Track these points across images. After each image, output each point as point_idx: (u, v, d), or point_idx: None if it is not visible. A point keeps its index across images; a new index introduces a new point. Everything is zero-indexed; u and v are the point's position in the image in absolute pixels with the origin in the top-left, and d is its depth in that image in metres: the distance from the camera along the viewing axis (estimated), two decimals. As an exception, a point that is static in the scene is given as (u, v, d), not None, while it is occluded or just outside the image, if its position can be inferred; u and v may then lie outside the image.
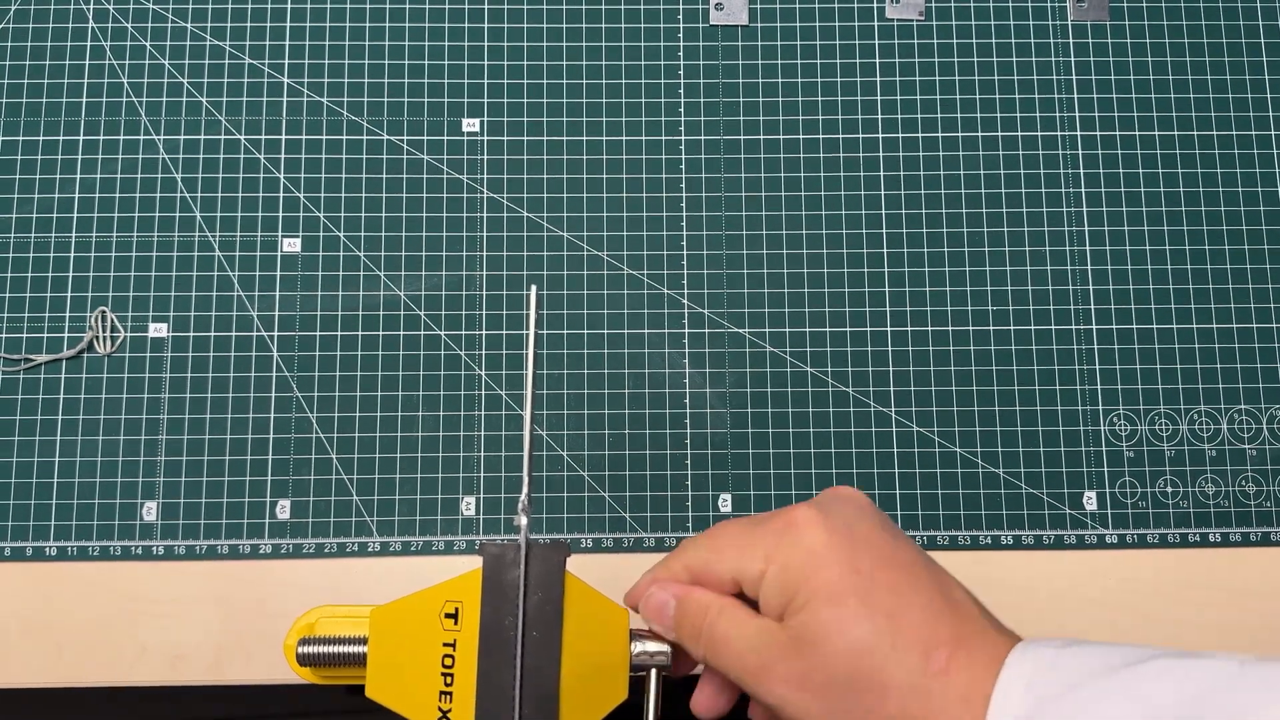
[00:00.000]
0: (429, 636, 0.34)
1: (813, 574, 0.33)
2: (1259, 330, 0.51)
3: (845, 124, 0.53)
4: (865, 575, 0.33)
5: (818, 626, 0.32)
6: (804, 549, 0.33)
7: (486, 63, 0.53)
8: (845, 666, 0.32)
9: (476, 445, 0.49)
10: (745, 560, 0.34)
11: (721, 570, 0.35)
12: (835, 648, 0.32)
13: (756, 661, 0.34)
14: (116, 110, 0.52)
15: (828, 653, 0.32)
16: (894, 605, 0.32)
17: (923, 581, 0.33)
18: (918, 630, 0.32)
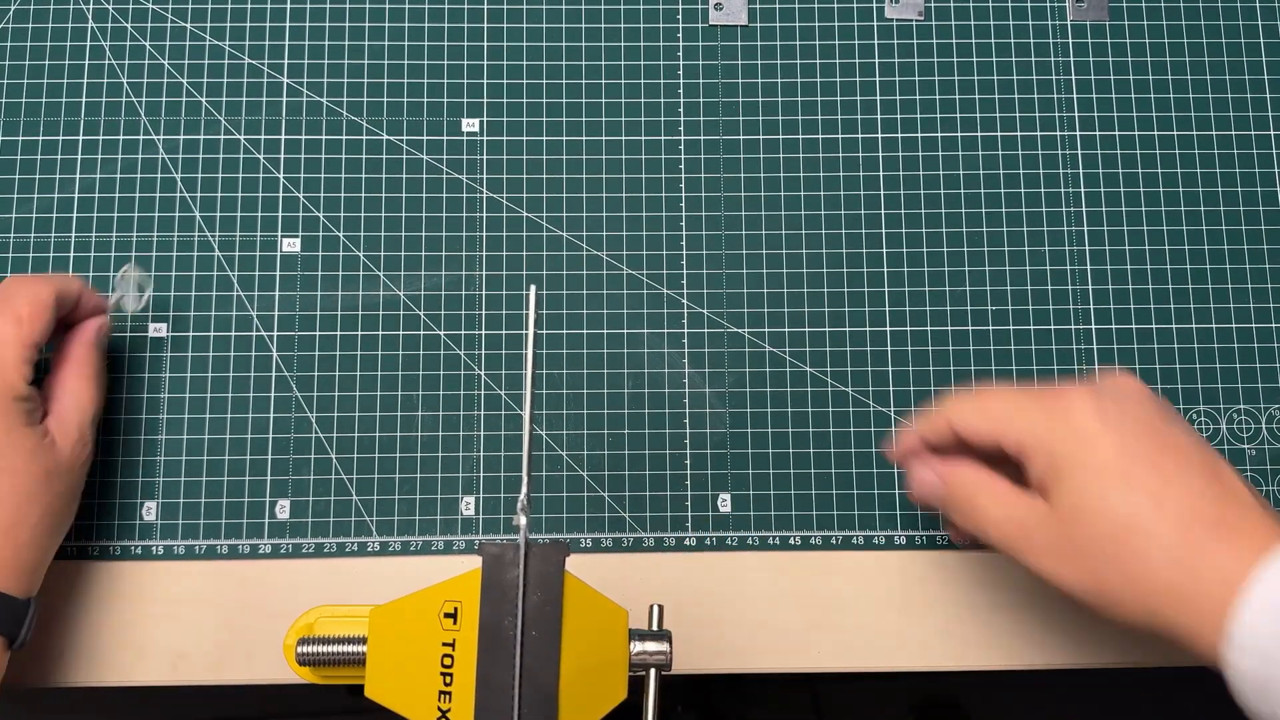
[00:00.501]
0: (428, 636, 0.34)
1: (1080, 455, 0.35)
2: (1258, 330, 0.51)
3: (845, 124, 0.52)
4: (1132, 456, 0.34)
5: (1080, 502, 0.34)
6: (1074, 430, 0.35)
7: (486, 63, 0.53)
8: (1105, 539, 0.34)
9: (476, 445, 0.49)
10: (1014, 431, 0.36)
11: (985, 434, 0.37)
12: (1099, 523, 0.34)
13: (1017, 531, 0.36)
14: (116, 110, 0.52)
15: (1088, 526, 0.34)
16: (1157, 485, 0.34)
17: (1192, 464, 0.35)
18: (1179, 508, 0.34)
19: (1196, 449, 0.35)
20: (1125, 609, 0.34)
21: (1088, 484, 0.35)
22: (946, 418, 0.39)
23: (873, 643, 0.48)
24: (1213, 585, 0.32)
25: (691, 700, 1.00)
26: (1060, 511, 0.35)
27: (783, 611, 0.48)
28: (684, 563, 0.49)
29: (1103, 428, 0.35)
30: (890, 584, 0.48)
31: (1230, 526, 0.33)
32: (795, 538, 0.49)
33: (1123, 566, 0.34)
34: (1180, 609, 0.33)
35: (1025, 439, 0.36)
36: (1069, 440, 0.35)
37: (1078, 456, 0.35)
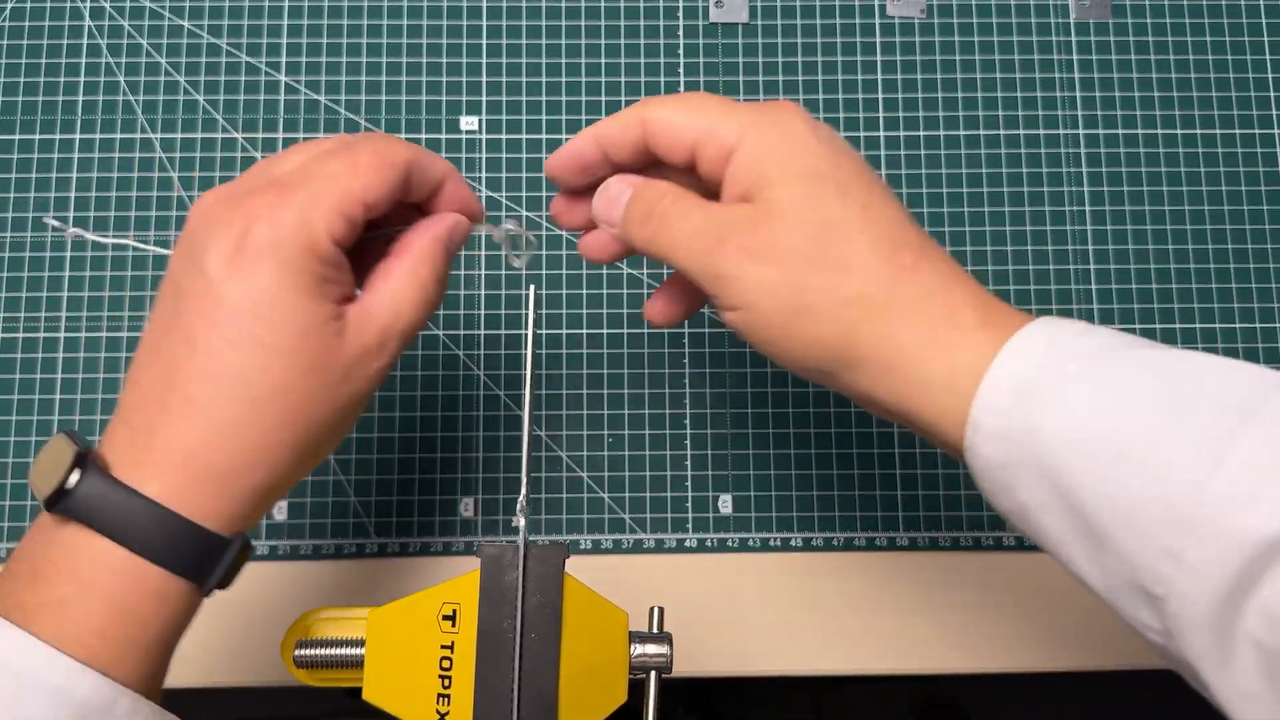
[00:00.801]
0: (427, 639, 0.34)
1: (790, 155, 0.32)
2: (1262, 330, 0.50)
3: (846, 122, 0.52)
4: (844, 170, 0.32)
5: (790, 198, 0.32)
6: (785, 131, 0.32)
7: (485, 60, 0.53)
8: (812, 236, 0.31)
9: (475, 446, 0.49)
10: (719, 126, 0.33)
11: (685, 130, 0.33)
12: (805, 217, 0.31)
13: (712, 236, 0.33)
14: (113, 109, 0.52)
15: (796, 221, 0.31)
16: (869, 199, 0.32)
17: (891, 198, 0.33)
18: (889, 228, 0.32)
19: (891, 190, 0.34)
20: (814, 327, 0.31)
21: (796, 179, 0.32)
22: (640, 115, 0.34)
23: (873, 644, 0.48)
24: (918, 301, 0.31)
25: (692, 703, 1.00)
26: (763, 205, 0.32)
27: (783, 613, 0.48)
28: (684, 564, 0.48)
29: (813, 133, 0.33)
30: (891, 585, 0.48)
31: (930, 256, 0.32)
32: (796, 539, 0.49)
33: (825, 269, 0.31)
34: (878, 325, 0.31)
35: (726, 131, 0.32)
36: (782, 144, 0.32)
37: (790, 159, 0.32)
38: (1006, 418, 0.29)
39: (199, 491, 0.30)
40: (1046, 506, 0.29)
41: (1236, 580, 0.26)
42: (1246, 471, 0.26)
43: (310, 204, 0.31)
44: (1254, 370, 0.29)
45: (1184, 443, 0.27)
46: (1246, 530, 0.26)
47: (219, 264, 0.30)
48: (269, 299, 0.30)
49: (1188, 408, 0.28)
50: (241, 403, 0.30)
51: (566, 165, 0.36)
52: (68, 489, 0.29)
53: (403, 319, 0.33)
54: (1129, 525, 0.27)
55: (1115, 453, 0.28)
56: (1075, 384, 0.29)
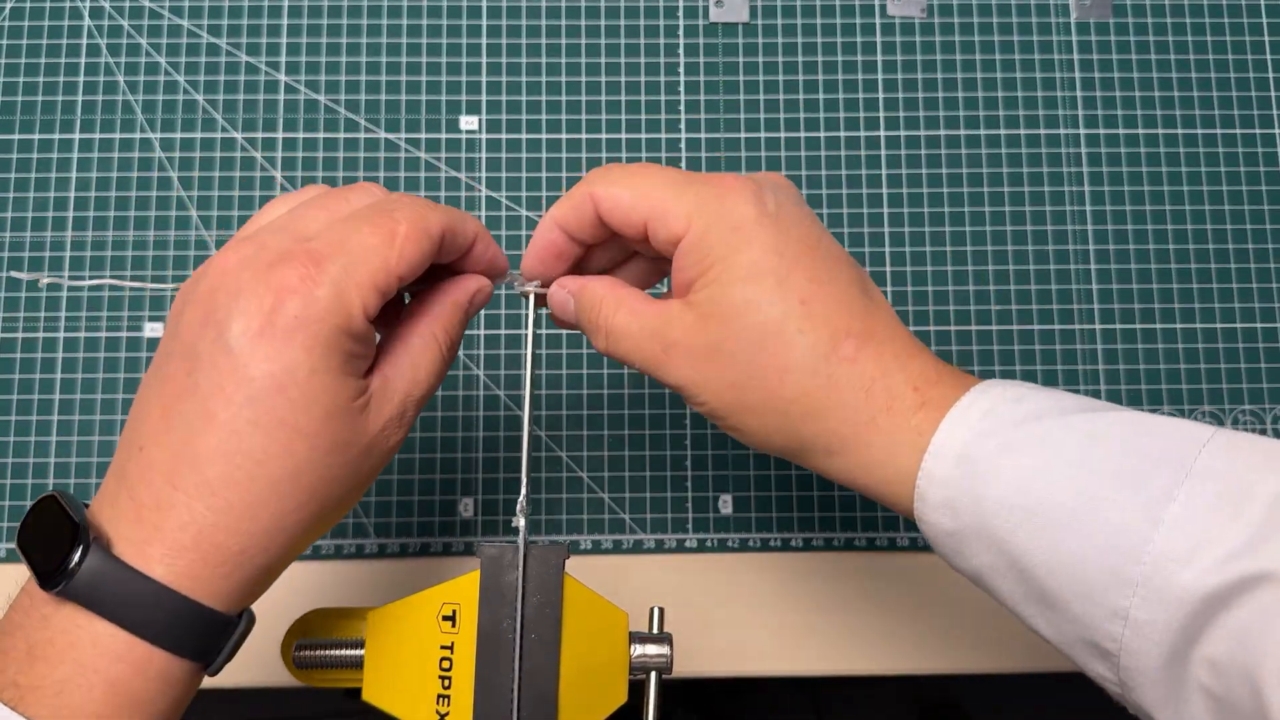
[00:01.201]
0: (426, 639, 0.34)
1: (734, 248, 0.32)
2: (1263, 330, 0.50)
3: (847, 122, 0.52)
4: (787, 259, 0.32)
5: (728, 302, 0.32)
6: (730, 220, 0.32)
7: (485, 60, 0.52)
8: (751, 341, 0.32)
9: (475, 446, 0.49)
10: (667, 213, 0.32)
11: (635, 213, 0.33)
12: (741, 323, 0.32)
13: (658, 345, 0.33)
14: (113, 109, 0.51)
15: (734, 328, 0.32)
16: (810, 292, 0.32)
17: (843, 274, 0.33)
18: (829, 318, 0.32)
19: (846, 261, 0.33)
20: (762, 422, 0.32)
21: (736, 281, 0.32)
22: (590, 192, 0.34)
23: (874, 645, 0.48)
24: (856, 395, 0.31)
25: (692, 703, 1.00)
26: (702, 309, 0.32)
27: (784, 614, 0.48)
28: (684, 565, 0.48)
29: (759, 220, 0.32)
30: (891, 586, 0.48)
31: (877, 339, 0.32)
32: (796, 539, 0.48)
33: (763, 374, 0.32)
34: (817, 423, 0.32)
35: (674, 218, 0.32)
36: (723, 229, 0.32)
37: (730, 249, 0.32)
38: (951, 487, 0.30)
39: (208, 575, 0.29)
40: (997, 571, 0.30)
41: (1182, 634, 0.27)
42: (1183, 529, 0.27)
43: (345, 279, 0.30)
44: (1187, 427, 0.29)
45: (1123, 504, 0.28)
46: (1186, 588, 0.27)
47: (244, 337, 0.29)
48: (298, 380, 0.29)
49: (1125, 469, 0.28)
50: (260, 484, 0.29)
51: (542, 258, 0.36)
52: (69, 569, 0.28)
53: (420, 386, 0.33)
54: (1075, 588, 0.28)
55: (1057, 518, 0.29)
56: (1015, 453, 0.30)
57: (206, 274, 0.31)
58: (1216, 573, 0.26)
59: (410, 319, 0.34)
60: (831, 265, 0.33)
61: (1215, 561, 0.26)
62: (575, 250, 0.36)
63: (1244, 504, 0.27)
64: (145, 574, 0.28)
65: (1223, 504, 0.27)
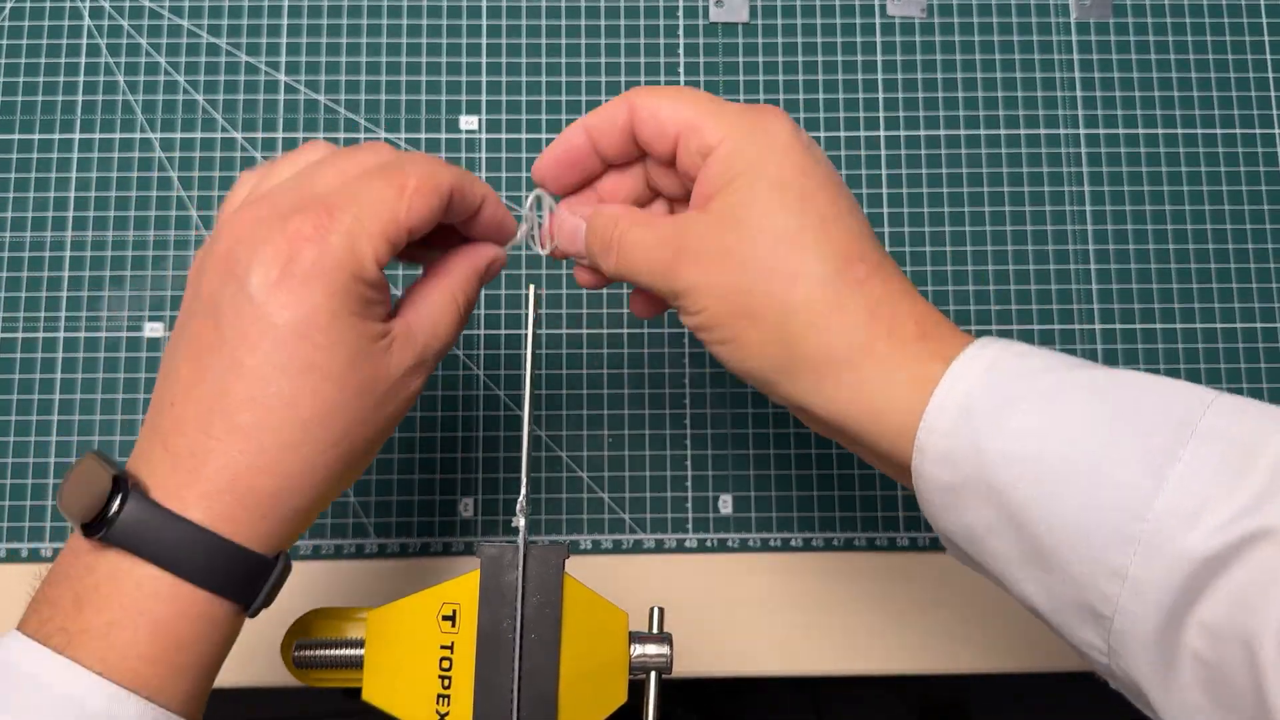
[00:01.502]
0: (426, 639, 0.34)
1: (764, 161, 0.32)
2: (1263, 330, 0.50)
3: (847, 122, 0.52)
4: (813, 181, 0.33)
5: (751, 204, 0.32)
6: (765, 139, 0.33)
7: (485, 60, 0.52)
8: (766, 245, 0.32)
9: (475, 446, 0.49)
10: (703, 126, 0.33)
11: (669, 122, 0.34)
12: (761, 226, 0.32)
13: (669, 251, 0.33)
14: (113, 109, 0.51)
15: (752, 230, 0.32)
16: (830, 213, 0.32)
17: (857, 214, 0.33)
18: (845, 241, 0.32)
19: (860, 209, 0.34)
20: (759, 332, 0.32)
21: (761, 189, 0.32)
22: (629, 101, 0.34)
23: (874, 645, 0.48)
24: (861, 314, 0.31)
25: (692, 703, 1.00)
26: (720, 214, 0.32)
27: (783, 614, 0.48)
28: (684, 564, 0.48)
29: (792, 143, 0.33)
30: (891, 586, 0.48)
31: (884, 272, 0.32)
32: (796, 539, 0.48)
33: (772, 278, 0.32)
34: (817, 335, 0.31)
35: (710, 129, 0.33)
36: (758, 143, 0.33)
37: (762, 162, 0.32)
38: (952, 440, 0.30)
39: (245, 516, 0.30)
40: (994, 529, 0.30)
41: (1180, 595, 0.27)
42: (1187, 489, 0.27)
43: (357, 228, 0.31)
44: (1190, 388, 0.29)
45: (1127, 461, 0.28)
46: (1189, 548, 0.26)
47: (265, 287, 0.30)
48: (320, 324, 0.30)
49: (1129, 427, 0.28)
50: (291, 427, 0.30)
51: (559, 161, 0.36)
52: (110, 516, 0.29)
53: (439, 339, 0.34)
54: (1075, 544, 0.28)
55: (1061, 473, 0.28)
56: (1019, 406, 0.29)
57: (221, 234, 0.32)
58: (1220, 533, 0.26)
59: (431, 278, 0.35)
60: (851, 201, 0.34)
61: (1220, 522, 0.26)
62: (594, 164, 0.36)
63: (1249, 464, 0.27)
64: (184, 517, 0.29)
65: (1228, 464, 0.27)
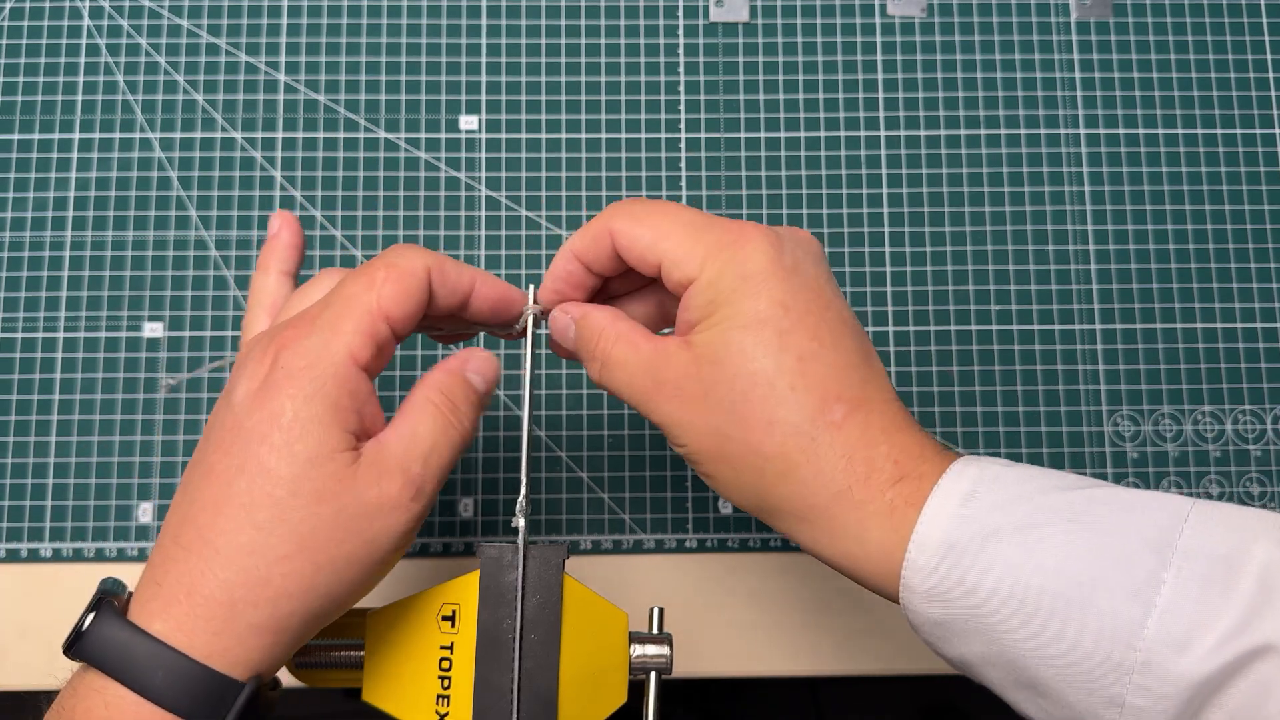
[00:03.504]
0: (426, 639, 0.34)
1: (741, 295, 0.32)
2: (1263, 330, 0.50)
3: (847, 121, 0.52)
4: (792, 314, 0.32)
5: (725, 346, 0.32)
6: (743, 268, 0.32)
7: (485, 60, 0.52)
8: (739, 391, 0.32)
9: (475, 446, 0.49)
10: (681, 257, 0.33)
11: (651, 254, 0.33)
12: (735, 370, 0.32)
13: (650, 380, 0.33)
14: (112, 109, 0.51)
15: (727, 374, 0.32)
16: (809, 351, 0.32)
17: (846, 339, 0.33)
18: (824, 380, 0.32)
19: (853, 326, 0.33)
20: (738, 475, 0.32)
21: (736, 327, 0.32)
22: (609, 227, 0.34)
23: (874, 645, 0.48)
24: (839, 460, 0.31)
25: (692, 704, 1.00)
26: (698, 350, 0.32)
27: (783, 614, 0.48)
28: (684, 565, 0.48)
29: (772, 271, 0.32)
30: (893, 586, 0.48)
31: (867, 408, 0.32)
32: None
33: (748, 425, 0.31)
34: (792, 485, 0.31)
35: (688, 261, 0.32)
36: (735, 275, 0.32)
37: (736, 295, 0.32)
38: (938, 577, 0.30)
39: (200, 627, 0.29)
40: (987, 659, 0.30)
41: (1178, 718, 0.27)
42: (1176, 612, 0.27)
43: (330, 328, 0.31)
44: (1166, 502, 0.29)
45: (1112, 590, 0.28)
46: (1182, 673, 0.27)
47: (245, 396, 0.31)
48: (282, 425, 0.30)
49: (1110, 552, 0.28)
50: (246, 529, 0.29)
51: (559, 289, 0.36)
52: (81, 631, 0.29)
53: (421, 443, 0.32)
54: (1069, 676, 0.28)
55: (1047, 608, 0.28)
56: (1000, 539, 0.29)
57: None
58: (1213, 656, 0.26)
59: (412, 389, 0.34)
60: (837, 329, 0.33)
61: (1212, 645, 0.27)
62: (593, 281, 0.36)
63: (1233, 579, 0.27)
64: (144, 630, 0.29)
65: (1212, 583, 0.27)
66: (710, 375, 0.32)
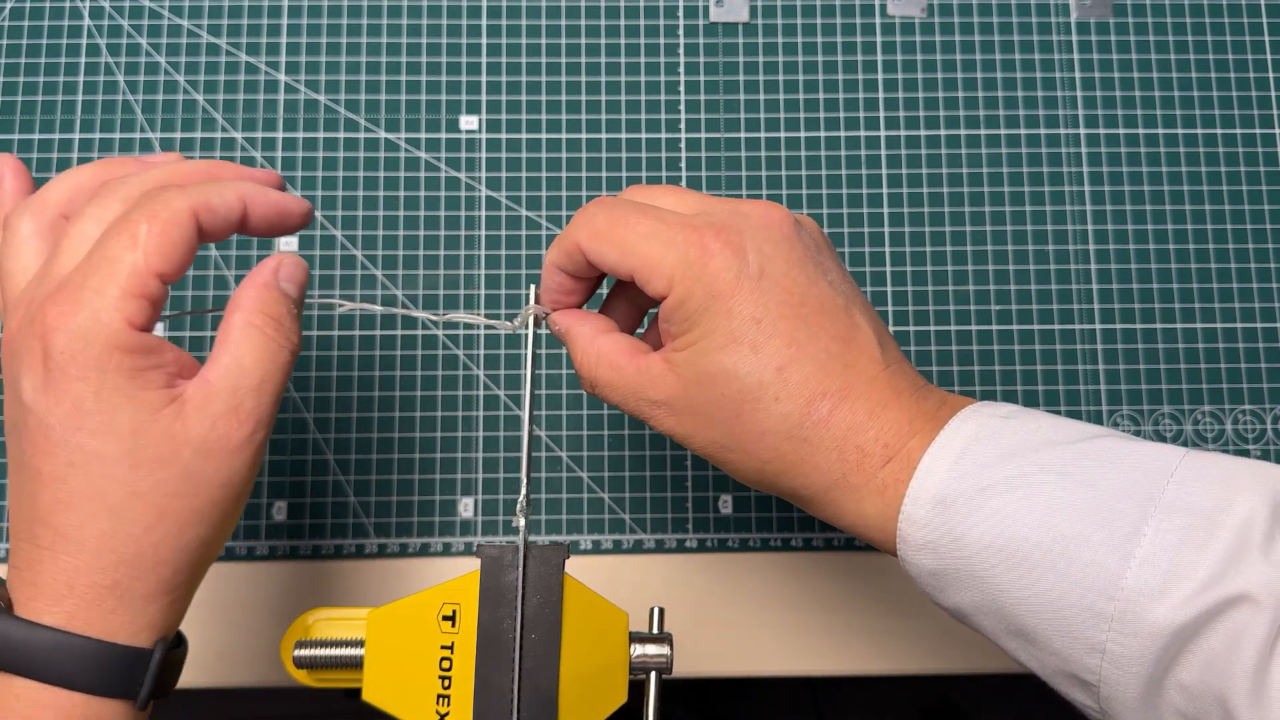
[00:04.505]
0: (426, 639, 0.34)
1: (713, 315, 0.32)
2: (1263, 330, 0.50)
3: (847, 121, 0.52)
4: (764, 325, 0.32)
5: (706, 370, 0.33)
6: (710, 285, 0.32)
7: (485, 60, 0.52)
8: (727, 410, 0.33)
9: (475, 446, 0.49)
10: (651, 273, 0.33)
11: (621, 268, 0.34)
12: (720, 392, 0.33)
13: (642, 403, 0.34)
14: (112, 109, 0.51)
15: (712, 396, 0.33)
16: (787, 357, 0.32)
17: (826, 328, 0.33)
18: (805, 383, 0.32)
19: (834, 308, 0.33)
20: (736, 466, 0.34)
21: (713, 349, 0.32)
22: (577, 245, 0.35)
23: (874, 645, 0.48)
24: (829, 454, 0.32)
25: (692, 704, 1.00)
26: (682, 372, 0.33)
27: (783, 614, 0.48)
28: (684, 565, 0.48)
29: (738, 284, 0.32)
30: (892, 586, 0.48)
31: (853, 394, 0.32)
32: (796, 539, 0.48)
33: (741, 436, 0.33)
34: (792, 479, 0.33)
35: (657, 278, 0.33)
36: (703, 294, 0.32)
37: (708, 315, 0.32)
38: (931, 530, 0.31)
39: (95, 613, 0.30)
40: (979, 609, 0.31)
41: (1156, 664, 0.28)
42: (1153, 564, 0.28)
43: (97, 299, 0.30)
44: (1156, 455, 0.30)
45: (1094, 542, 0.29)
46: (1159, 622, 0.28)
47: (35, 392, 0.30)
48: (87, 410, 0.29)
49: (1094, 506, 0.29)
50: (101, 517, 0.30)
51: (554, 298, 0.38)
52: None
53: (250, 375, 0.32)
54: (1054, 624, 0.30)
55: (1034, 558, 0.30)
56: (989, 494, 0.30)
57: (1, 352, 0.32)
58: (1187, 606, 0.28)
59: (227, 312, 0.33)
60: (813, 322, 0.33)
61: (1186, 595, 0.28)
62: (584, 285, 0.37)
63: (1212, 533, 0.28)
64: (41, 624, 0.30)
65: (1191, 536, 0.28)
66: (697, 396, 0.33)
